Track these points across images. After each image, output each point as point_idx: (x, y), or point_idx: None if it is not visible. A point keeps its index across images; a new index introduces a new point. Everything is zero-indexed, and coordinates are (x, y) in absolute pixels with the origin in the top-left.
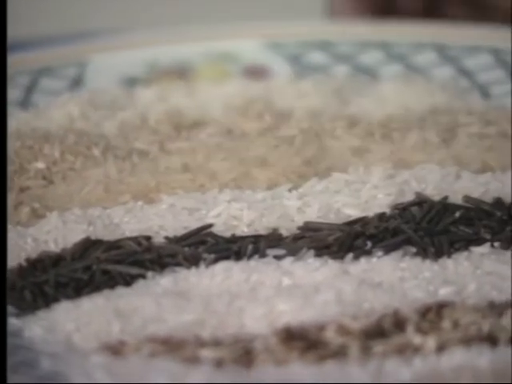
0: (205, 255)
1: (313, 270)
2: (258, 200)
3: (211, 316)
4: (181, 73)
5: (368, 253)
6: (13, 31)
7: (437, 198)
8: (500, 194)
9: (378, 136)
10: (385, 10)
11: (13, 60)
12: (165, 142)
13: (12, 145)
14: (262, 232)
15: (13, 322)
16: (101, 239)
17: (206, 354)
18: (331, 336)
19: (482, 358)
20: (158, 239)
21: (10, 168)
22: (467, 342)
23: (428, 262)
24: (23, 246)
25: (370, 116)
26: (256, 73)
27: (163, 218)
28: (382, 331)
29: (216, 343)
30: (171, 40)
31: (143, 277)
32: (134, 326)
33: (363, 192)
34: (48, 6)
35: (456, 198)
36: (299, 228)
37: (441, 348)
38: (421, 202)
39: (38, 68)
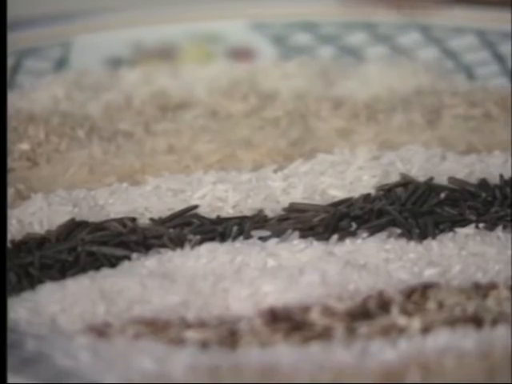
0: (190, 236)
1: (298, 251)
2: (243, 181)
3: (196, 297)
4: (166, 54)
5: (353, 234)
6: None
7: (422, 179)
8: (485, 175)
9: (363, 117)
10: None
11: None
12: (150, 124)
13: None
14: (247, 213)
15: None
16: (86, 221)
17: (191, 335)
18: (316, 317)
19: (467, 340)
20: (143, 221)
21: None
22: (452, 323)
23: (413, 244)
24: (8, 227)
25: (355, 97)
26: (241, 54)
27: (148, 200)
28: (366, 312)
29: (201, 325)
30: (156, 21)
31: (128, 258)
32: (118, 308)
33: (348, 173)
34: None
35: (441, 180)
36: (284, 209)
37: (426, 329)
38: (406, 183)
39: (22, 49)
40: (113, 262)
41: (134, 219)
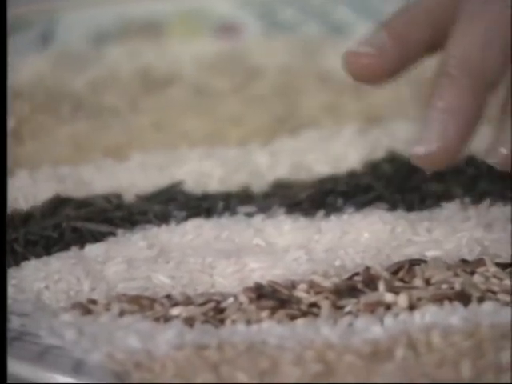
0: (175, 212)
1: (284, 227)
2: (229, 157)
3: (182, 274)
4: (153, 29)
5: (339, 210)
6: None
7: (408, 154)
8: (472, 151)
9: (350, 93)
10: None
11: None
12: (136, 100)
13: None
14: (233, 189)
15: None
16: (71, 197)
17: (177, 312)
18: (302, 294)
19: (454, 316)
20: (129, 197)
21: None
22: (439, 300)
23: (399, 219)
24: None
25: (341, 73)
26: (228, 30)
27: (134, 176)
28: (353, 289)
29: (187, 302)
30: None
31: (113, 234)
32: (104, 285)
33: (334, 149)
34: None
35: None
36: (270, 185)
37: (412, 306)
38: (392, 158)
39: (7, 24)
40: (98, 239)
41: (119, 195)
